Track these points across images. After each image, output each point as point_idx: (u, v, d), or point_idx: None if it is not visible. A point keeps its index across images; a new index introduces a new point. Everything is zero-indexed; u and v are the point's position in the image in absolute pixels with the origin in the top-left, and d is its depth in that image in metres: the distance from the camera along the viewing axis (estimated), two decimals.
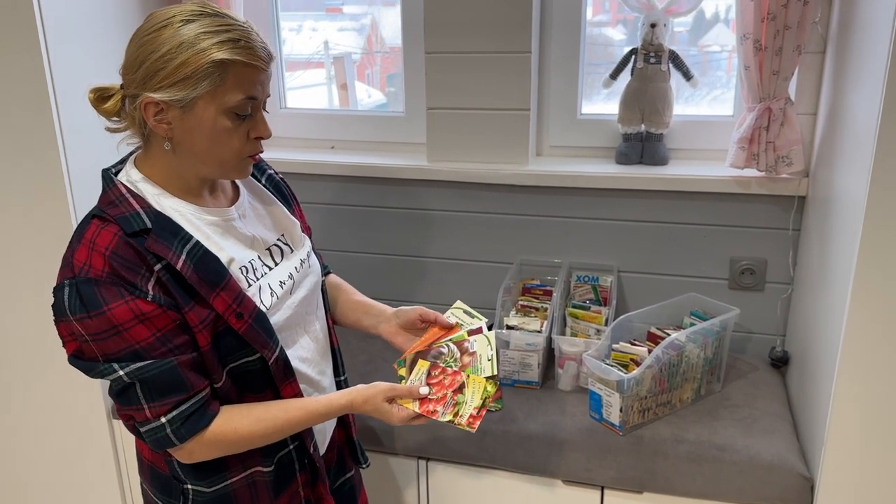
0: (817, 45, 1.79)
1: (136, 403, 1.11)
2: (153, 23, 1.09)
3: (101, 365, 1.09)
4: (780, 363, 1.96)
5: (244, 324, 1.15)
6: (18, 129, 1.75)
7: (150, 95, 1.07)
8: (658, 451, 1.64)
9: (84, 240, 1.09)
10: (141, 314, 1.07)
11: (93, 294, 1.06)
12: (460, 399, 1.28)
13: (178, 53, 1.06)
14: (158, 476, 1.28)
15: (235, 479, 1.25)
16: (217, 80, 1.07)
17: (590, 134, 2.11)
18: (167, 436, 1.13)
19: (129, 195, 1.13)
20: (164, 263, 1.10)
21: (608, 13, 2.13)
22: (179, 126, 1.10)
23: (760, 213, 1.94)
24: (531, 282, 2.08)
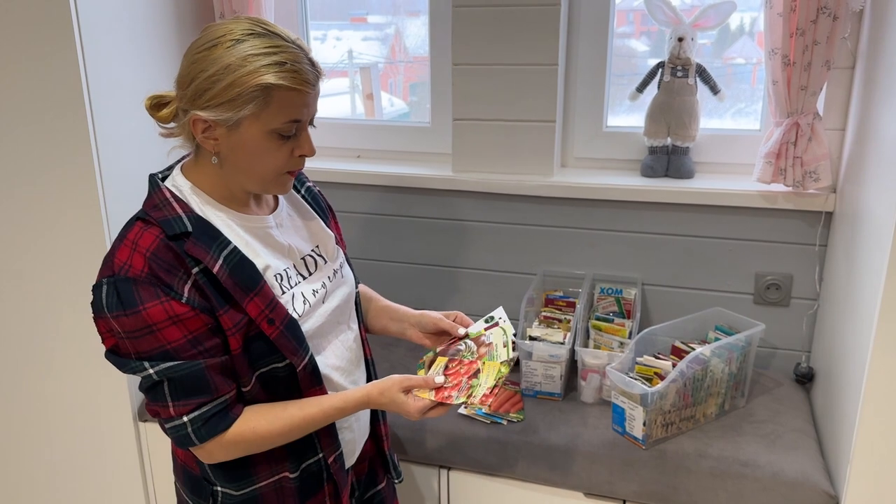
0: (846, 60, 1.78)
1: (163, 401, 1.15)
2: (206, 39, 1.11)
3: (134, 362, 1.13)
4: (805, 379, 1.95)
5: (275, 330, 1.18)
6: (53, 135, 1.79)
7: (198, 113, 1.11)
8: (681, 465, 1.64)
9: (127, 240, 1.13)
10: (175, 315, 1.10)
11: (130, 293, 1.09)
12: (474, 383, 1.30)
13: (226, 75, 1.08)
14: (190, 476, 1.32)
15: (263, 483, 1.27)
16: (262, 103, 1.10)
17: (615, 146, 2.11)
18: (188, 434, 1.16)
19: (173, 199, 1.17)
20: (202, 267, 1.13)
21: (632, 24, 2.13)
22: (225, 143, 1.14)
23: (787, 229, 1.93)
24: (554, 293, 2.09)
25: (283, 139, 1.15)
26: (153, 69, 1.97)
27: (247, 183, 1.19)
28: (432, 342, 1.45)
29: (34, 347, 2.00)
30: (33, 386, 2.04)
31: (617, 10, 2.05)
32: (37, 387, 2.04)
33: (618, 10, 2.06)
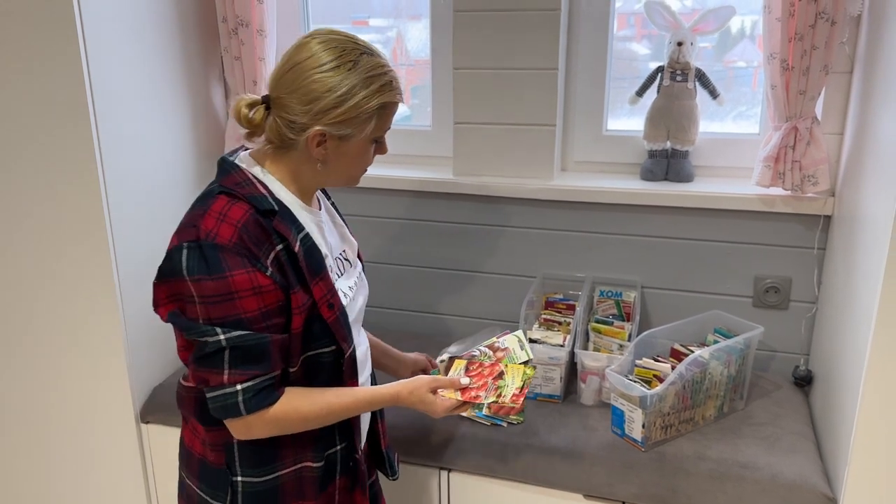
0: (845, 65, 1.79)
1: (219, 367, 1.18)
2: (323, 58, 1.18)
3: (203, 326, 1.17)
4: (804, 382, 1.96)
5: (333, 314, 1.26)
6: (56, 136, 1.80)
7: (320, 129, 1.19)
8: (680, 467, 1.64)
9: (212, 210, 1.17)
10: (257, 286, 1.16)
11: (217, 258, 1.14)
12: (501, 384, 1.37)
13: (353, 95, 1.18)
14: (208, 469, 1.32)
15: (286, 471, 1.31)
16: (377, 119, 1.23)
17: (615, 150, 2.12)
18: (236, 403, 1.19)
19: (255, 181, 1.23)
20: (284, 245, 1.20)
21: (633, 28, 2.14)
22: (333, 152, 1.24)
23: (786, 232, 1.94)
24: (554, 296, 2.09)
25: (376, 144, 1.29)
26: (155, 71, 1.98)
27: (337, 182, 1.31)
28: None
29: (36, 349, 2.01)
30: (35, 388, 2.05)
31: (618, 14, 2.06)
32: (39, 388, 2.05)
33: (619, 14, 2.07)
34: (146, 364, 2.02)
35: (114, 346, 1.94)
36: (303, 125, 1.20)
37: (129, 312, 1.94)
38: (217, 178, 1.24)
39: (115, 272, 1.88)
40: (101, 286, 1.89)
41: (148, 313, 2.00)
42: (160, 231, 2.04)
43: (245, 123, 1.24)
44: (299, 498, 1.33)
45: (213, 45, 2.19)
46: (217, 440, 1.30)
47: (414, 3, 2.25)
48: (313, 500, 1.34)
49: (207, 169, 2.23)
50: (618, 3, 2.05)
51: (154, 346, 2.05)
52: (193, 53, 2.12)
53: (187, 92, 2.11)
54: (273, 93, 1.22)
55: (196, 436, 1.34)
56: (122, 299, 1.91)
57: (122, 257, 1.90)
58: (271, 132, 1.24)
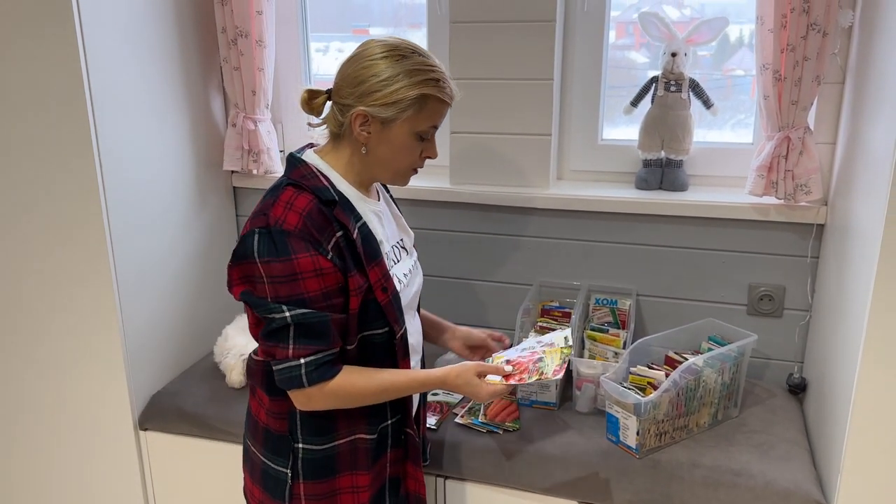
0: (836, 75, 1.81)
1: (284, 342, 1.29)
2: (376, 50, 1.31)
3: (272, 304, 1.27)
4: (798, 390, 1.97)
5: (387, 297, 1.36)
6: (54, 136, 1.82)
7: (363, 109, 1.30)
8: (674, 474, 1.66)
9: (280, 200, 1.28)
10: (319, 269, 1.27)
11: (284, 243, 1.25)
12: (541, 366, 1.46)
13: (395, 81, 1.29)
14: (272, 437, 1.42)
15: (342, 441, 1.41)
16: (417, 109, 1.31)
17: (610, 159, 2.14)
18: (300, 375, 1.29)
19: (319, 173, 1.35)
20: (343, 232, 1.31)
21: (631, 36, 2.16)
22: (377, 137, 1.33)
23: (779, 241, 1.95)
24: (550, 303, 2.11)
25: (420, 141, 1.36)
26: (155, 81, 2.00)
27: (381, 173, 1.39)
28: (471, 354, 1.68)
29: (34, 357, 2.02)
30: (33, 395, 2.06)
31: (616, 23, 2.09)
32: (37, 396, 2.06)
33: (617, 23, 2.09)
34: (145, 371, 2.04)
35: (112, 353, 1.95)
36: (349, 106, 1.32)
37: (127, 320, 1.95)
38: (286, 172, 1.36)
39: (114, 280, 1.89)
40: (101, 294, 1.91)
41: (147, 320, 2.03)
42: (159, 239, 2.06)
43: (305, 107, 1.38)
44: (353, 467, 1.42)
45: (213, 56, 2.21)
46: (282, 409, 1.40)
47: (413, 11, 2.27)
48: (366, 470, 1.43)
49: (207, 178, 2.24)
50: (617, 12, 2.07)
51: (153, 354, 2.06)
52: (193, 63, 2.14)
53: (187, 102, 2.13)
54: (334, 83, 1.35)
55: (262, 406, 1.44)
56: (121, 307, 1.92)
57: (122, 265, 1.91)
58: (328, 118, 1.37)
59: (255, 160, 2.24)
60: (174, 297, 2.14)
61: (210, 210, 2.28)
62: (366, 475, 1.43)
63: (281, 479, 1.42)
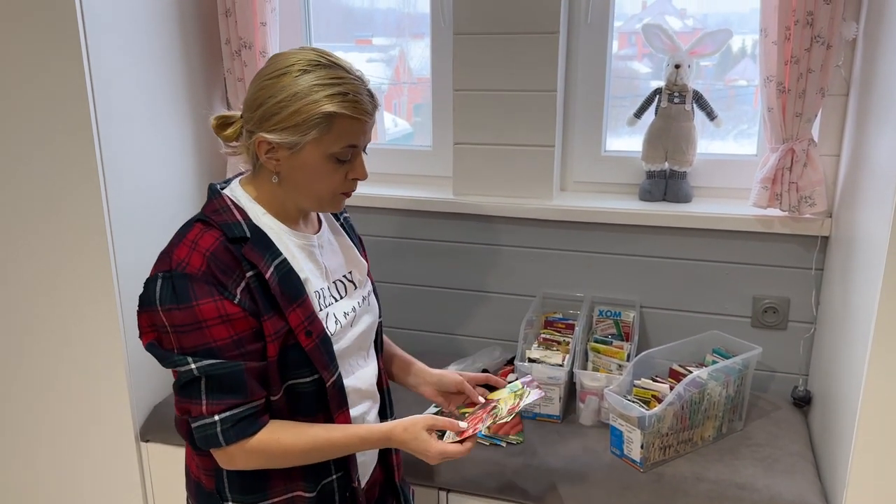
0: (840, 87, 1.81)
1: (196, 398, 1.17)
2: (274, 68, 1.19)
3: (176, 356, 1.17)
4: (803, 403, 1.96)
5: (311, 342, 1.23)
6: (59, 156, 1.82)
7: (263, 135, 1.18)
8: (678, 488, 1.64)
9: (186, 239, 1.19)
10: (225, 314, 1.15)
11: (185, 288, 1.14)
12: (494, 412, 1.36)
13: (293, 102, 1.16)
14: (202, 491, 1.33)
15: (276, 499, 1.29)
16: (324, 129, 1.17)
17: (614, 170, 2.14)
18: (215, 434, 1.18)
19: (234, 207, 1.24)
20: (255, 272, 1.19)
21: (634, 47, 2.16)
22: (287, 164, 1.21)
23: (783, 253, 1.95)
24: (554, 315, 2.10)
25: (339, 163, 1.22)
26: (159, 92, 2.01)
27: (303, 201, 1.26)
28: (445, 401, 1.52)
29: (36, 366, 2.02)
30: (34, 404, 2.06)
31: (619, 33, 2.09)
32: (38, 405, 2.06)
33: (620, 33, 2.10)
34: (147, 382, 2.03)
35: (114, 363, 1.95)
36: (250, 133, 1.21)
37: (130, 330, 1.94)
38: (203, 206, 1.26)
39: (116, 290, 1.89)
40: (103, 304, 1.90)
41: None
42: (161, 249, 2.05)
43: (218, 133, 1.27)
44: None
45: (217, 67, 2.22)
46: (208, 465, 1.29)
47: (416, 21, 2.28)
48: None
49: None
50: (619, 23, 2.07)
51: (155, 364, 2.03)
52: (196, 75, 2.15)
53: (190, 113, 2.13)
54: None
55: (192, 459, 1.35)
56: (124, 317, 1.92)
57: (124, 276, 1.91)
58: (242, 147, 1.25)
59: None
60: None
61: None
62: None
63: None
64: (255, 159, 1.24)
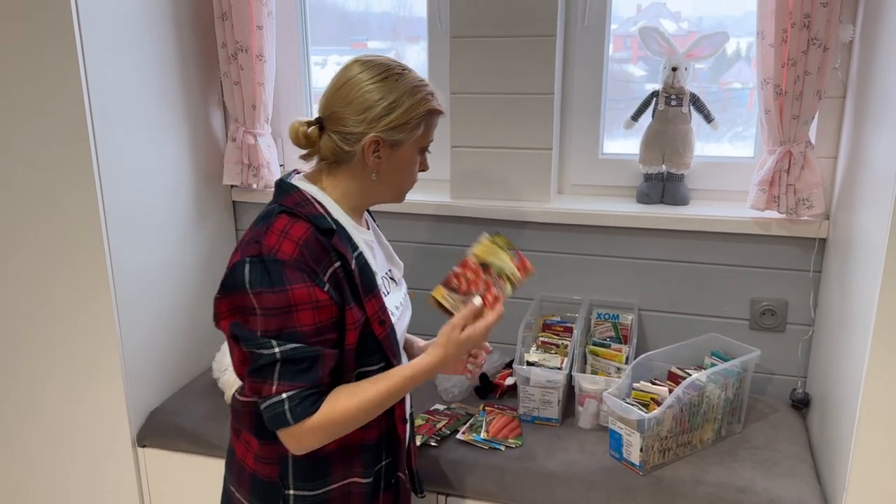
0: (837, 90, 1.81)
1: (269, 379, 1.21)
2: (374, 72, 1.28)
3: (260, 339, 1.20)
4: (802, 405, 1.96)
5: (384, 331, 1.31)
6: (55, 160, 1.81)
7: (377, 135, 1.26)
8: (678, 492, 1.64)
9: (274, 227, 1.22)
10: (315, 301, 1.20)
11: (279, 273, 1.19)
12: (495, 270, 1.38)
13: (404, 102, 1.27)
14: (261, 483, 1.36)
15: (335, 486, 1.35)
16: (424, 125, 1.31)
17: (611, 173, 2.14)
18: (283, 412, 1.21)
19: (314, 200, 1.29)
20: (341, 263, 1.25)
21: (629, 50, 2.17)
22: (387, 161, 1.30)
23: (781, 255, 1.95)
24: (552, 318, 2.10)
25: (421, 155, 1.35)
26: (155, 96, 2.00)
27: (386, 195, 1.36)
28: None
29: (31, 371, 2.01)
30: (30, 410, 2.05)
31: (614, 36, 2.09)
32: (33, 411, 2.04)
33: (615, 36, 2.10)
34: (143, 387, 2.02)
35: (111, 368, 1.94)
36: (359, 134, 1.27)
37: (126, 335, 1.94)
38: (276, 199, 1.30)
39: (112, 295, 1.88)
40: (99, 309, 1.89)
41: (146, 336, 2.01)
42: (159, 254, 2.05)
43: (304, 141, 1.30)
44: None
45: (213, 71, 2.21)
46: (272, 454, 1.33)
47: (412, 25, 2.28)
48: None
49: (206, 192, 2.24)
50: (615, 26, 2.07)
51: (151, 369, 2.05)
52: (193, 78, 2.14)
53: (186, 116, 2.13)
54: (326, 111, 1.30)
55: (249, 450, 1.37)
56: (120, 322, 1.91)
57: (120, 280, 1.90)
58: (326, 149, 1.30)
59: (254, 174, 2.24)
60: (173, 313, 2.13)
61: (209, 225, 2.27)
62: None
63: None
64: (337, 159, 1.30)
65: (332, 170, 1.32)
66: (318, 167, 1.34)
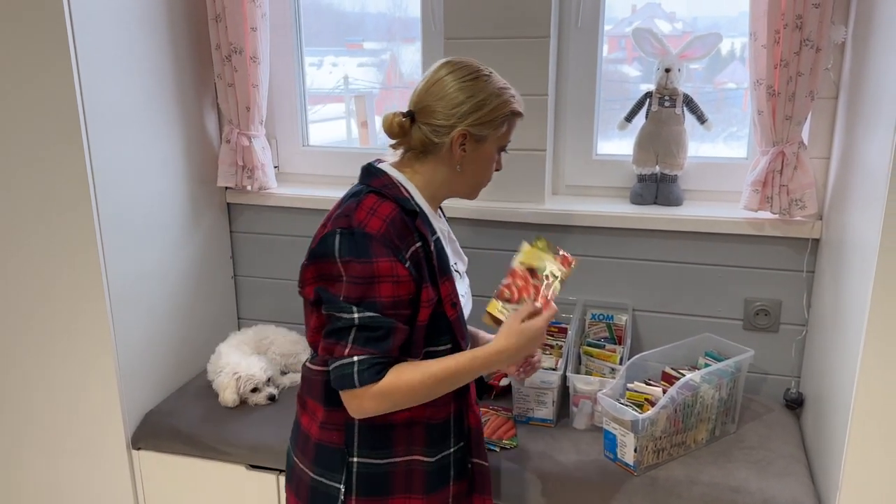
0: (830, 90, 1.82)
1: (344, 341, 1.28)
2: (464, 73, 1.37)
3: (342, 303, 1.28)
4: (795, 405, 1.96)
5: (455, 313, 1.39)
6: (49, 163, 1.81)
7: (466, 128, 1.35)
8: (672, 492, 1.64)
9: (363, 205, 1.31)
10: (396, 275, 1.28)
11: (366, 245, 1.27)
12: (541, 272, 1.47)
13: (491, 101, 1.36)
14: (325, 451, 1.41)
15: (398, 459, 1.39)
16: (506, 125, 1.40)
17: (605, 174, 2.14)
18: (352, 374, 1.28)
19: (400, 185, 1.38)
20: (422, 243, 1.33)
21: (624, 50, 2.17)
22: (471, 154, 1.39)
23: (774, 255, 1.95)
24: None
25: (499, 154, 1.44)
26: (149, 98, 2.00)
27: (463, 188, 1.45)
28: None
29: (25, 374, 2.01)
30: (23, 413, 2.04)
31: (609, 37, 2.09)
32: (27, 414, 2.04)
33: (610, 37, 2.10)
34: (138, 389, 2.02)
35: (106, 371, 1.93)
36: (448, 127, 1.36)
37: (121, 337, 1.93)
38: (363, 180, 1.39)
39: (107, 297, 1.88)
40: (93, 311, 1.89)
41: (140, 338, 2.01)
42: (153, 256, 2.05)
43: (397, 130, 1.39)
44: (408, 490, 1.40)
45: (207, 72, 2.21)
46: (338, 421, 1.38)
47: (407, 26, 2.28)
48: (421, 495, 1.41)
49: (201, 194, 2.23)
50: (609, 26, 2.08)
51: (146, 371, 2.05)
52: (187, 80, 2.14)
53: (180, 118, 2.12)
54: (418, 105, 1.38)
55: (314, 420, 1.42)
56: (114, 324, 1.91)
57: (114, 282, 1.90)
58: (416, 139, 1.39)
59: (249, 176, 2.23)
60: (168, 315, 2.13)
61: (204, 226, 2.27)
62: (420, 499, 1.41)
63: (332, 495, 1.40)
64: (424, 149, 1.38)
65: (418, 159, 1.41)
66: (404, 156, 1.43)
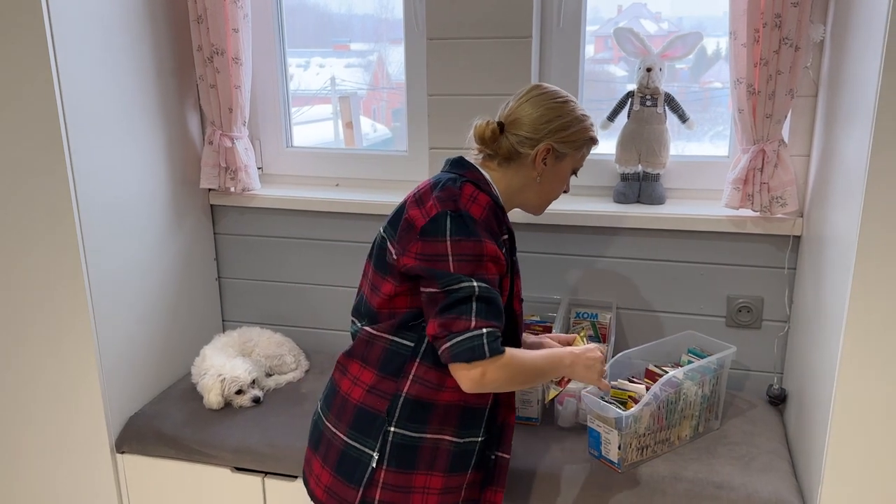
0: (809, 89, 1.84)
1: (467, 314, 1.32)
2: (554, 97, 1.50)
3: (457, 275, 1.33)
4: (778, 401, 1.98)
5: (521, 308, 1.50)
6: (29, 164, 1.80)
7: (551, 143, 1.46)
8: (656, 488, 1.65)
9: (465, 193, 1.39)
10: (497, 256, 1.37)
11: (473, 226, 1.36)
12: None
13: (576, 124, 1.49)
14: (365, 416, 1.45)
15: (429, 436, 1.44)
16: (583, 149, 1.52)
17: (588, 173, 2.13)
18: (482, 345, 1.32)
19: (490, 182, 1.48)
20: (507, 236, 1.45)
21: (610, 50, 2.18)
22: (550, 169, 1.50)
23: (756, 252, 1.97)
24: (531, 318, 2.10)
25: (571, 175, 1.55)
26: (131, 99, 1.99)
27: (534, 200, 1.56)
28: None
29: (6, 377, 1.99)
30: (5, 416, 2.03)
31: (595, 37, 2.10)
32: (8, 418, 2.02)
33: (596, 37, 2.11)
34: (122, 393, 2.01)
35: (88, 374, 1.92)
36: (536, 140, 1.47)
37: (103, 340, 1.92)
38: (454, 170, 1.47)
39: (88, 300, 1.87)
40: (75, 314, 1.88)
41: (123, 341, 2.00)
42: (135, 258, 2.04)
43: (489, 135, 1.49)
44: (430, 467, 1.44)
45: (189, 74, 2.20)
46: (389, 388, 1.43)
47: (394, 27, 2.28)
48: (441, 473, 1.45)
49: (183, 196, 2.23)
50: (595, 27, 2.09)
51: (129, 375, 2.04)
52: (169, 81, 2.13)
53: (162, 119, 2.11)
54: (509, 118, 1.50)
55: (358, 384, 1.46)
56: (97, 327, 1.90)
57: (96, 285, 1.89)
58: (504, 147, 1.49)
59: (232, 178, 2.23)
60: (151, 317, 2.12)
61: (187, 228, 2.26)
62: (440, 478, 1.44)
63: (364, 461, 1.43)
64: (510, 157, 1.48)
65: (501, 165, 1.50)
66: (486, 161, 1.51)
